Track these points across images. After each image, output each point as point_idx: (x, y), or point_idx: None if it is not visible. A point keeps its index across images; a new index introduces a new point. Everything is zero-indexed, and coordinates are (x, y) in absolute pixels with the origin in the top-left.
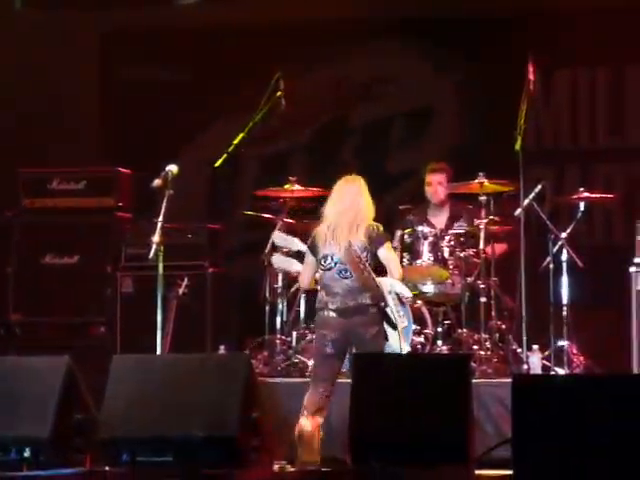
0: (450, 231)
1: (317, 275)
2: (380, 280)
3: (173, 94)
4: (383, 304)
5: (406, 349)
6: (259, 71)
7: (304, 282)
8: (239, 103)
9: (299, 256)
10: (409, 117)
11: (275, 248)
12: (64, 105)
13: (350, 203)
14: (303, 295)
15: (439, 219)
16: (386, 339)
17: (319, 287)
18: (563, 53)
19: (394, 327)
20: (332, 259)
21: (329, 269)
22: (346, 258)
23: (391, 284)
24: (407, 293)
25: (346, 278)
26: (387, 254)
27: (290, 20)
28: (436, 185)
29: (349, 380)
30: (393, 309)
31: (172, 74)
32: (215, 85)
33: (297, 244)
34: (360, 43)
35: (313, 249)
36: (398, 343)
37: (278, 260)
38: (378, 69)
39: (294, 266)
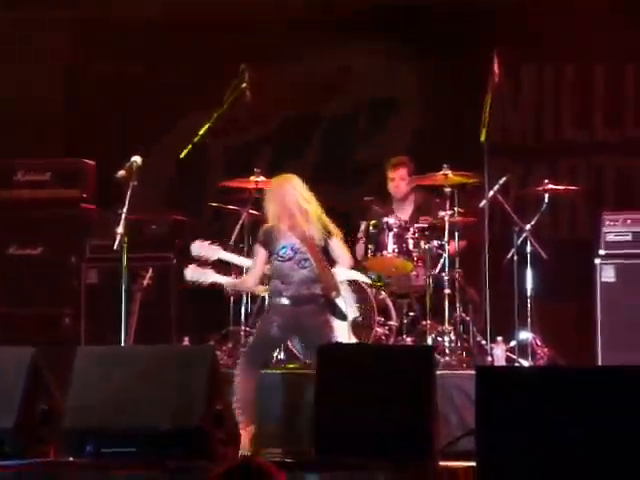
0: (415, 224)
1: (266, 269)
2: (334, 270)
3: (140, 91)
4: (335, 294)
5: (353, 340)
6: (225, 65)
7: (253, 278)
8: (203, 94)
9: (218, 265)
10: (374, 109)
11: (192, 259)
12: (32, 102)
13: (301, 197)
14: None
15: (404, 212)
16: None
17: (272, 277)
18: (530, 48)
19: (344, 318)
20: (292, 249)
21: (288, 259)
22: (308, 248)
23: (346, 273)
24: (365, 279)
25: (304, 268)
26: (339, 244)
27: (257, 12)
28: (398, 180)
29: (313, 372)
30: (346, 299)
31: (139, 70)
32: (182, 82)
33: (218, 253)
34: (327, 34)
35: (267, 242)
36: (346, 334)
37: (192, 273)
38: (343, 60)
39: (210, 277)
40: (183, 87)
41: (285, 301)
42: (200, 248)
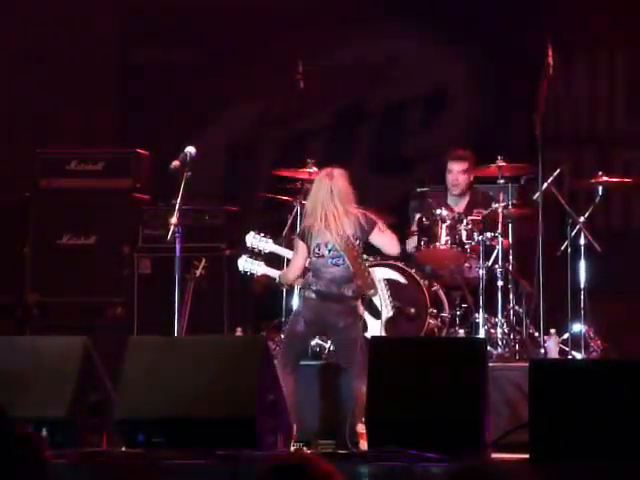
0: (469, 217)
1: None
2: (372, 269)
3: (189, 77)
4: (372, 292)
5: None
6: (274, 54)
7: (292, 272)
8: (255, 86)
9: (270, 259)
10: (425, 100)
11: (246, 249)
12: (80, 87)
13: (337, 194)
14: None
15: (458, 204)
16: (365, 330)
17: (309, 272)
18: (582, 36)
19: (378, 316)
20: (326, 246)
21: (322, 256)
22: (342, 246)
23: (385, 272)
24: (403, 279)
25: (337, 266)
26: (380, 235)
27: (304, 2)
28: (457, 174)
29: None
30: (383, 296)
31: (188, 56)
32: (231, 68)
33: (271, 246)
34: (375, 24)
35: (305, 238)
36: (378, 333)
37: (244, 264)
38: (393, 51)
39: (261, 269)
40: (231, 73)
41: (312, 295)
42: (253, 239)
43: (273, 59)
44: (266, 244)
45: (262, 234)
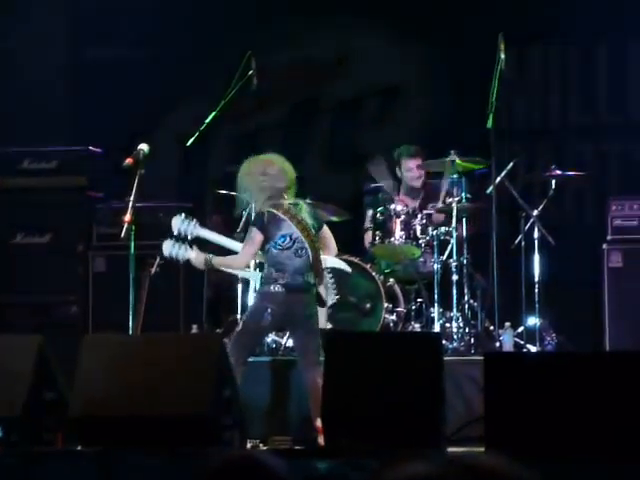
0: (423, 211)
1: (258, 256)
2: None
3: (142, 75)
4: (319, 281)
5: (328, 327)
6: (227, 52)
7: (245, 260)
8: (207, 81)
9: (196, 243)
10: (378, 95)
11: (172, 235)
12: (32, 85)
13: (293, 182)
14: None
15: (414, 199)
16: None
17: (267, 265)
18: (535, 31)
19: (322, 304)
20: (291, 239)
21: (287, 249)
22: (306, 238)
23: (331, 261)
24: (347, 269)
25: (300, 257)
26: (328, 231)
27: None
28: (417, 170)
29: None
30: (328, 286)
31: (140, 54)
32: (184, 64)
33: (198, 230)
34: (327, 19)
35: (266, 228)
36: (322, 320)
37: (170, 248)
38: (346, 46)
39: (189, 254)
40: (184, 72)
41: (279, 289)
42: (182, 223)
43: (225, 57)
44: (194, 228)
45: (190, 218)
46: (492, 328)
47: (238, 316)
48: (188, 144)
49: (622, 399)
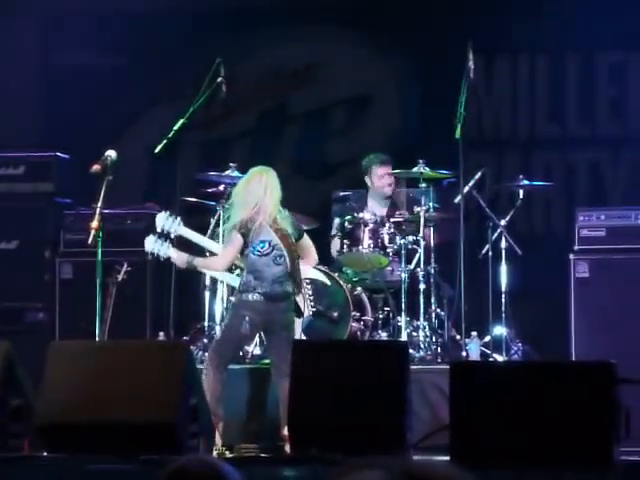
0: (391, 219)
1: (238, 260)
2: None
3: (110, 79)
4: (297, 290)
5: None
6: (195, 57)
7: (225, 262)
8: (177, 88)
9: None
10: (347, 104)
11: (155, 231)
12: (3, 94)
13: (277, 193)
14: None
15: (381, 207)
16: None
17: (246, 271)
18: (503, 39)
19: (299, 314)
20: (270, 245)
21: (265, 255)
22: (285, 245)
23: (311, 272)
24: (327, 281)
25: (279, 265)
26: (308, 240)
27: (226, 4)
28: (388, 178)
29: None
30: (306, 296)
31: (109, 59)
32: (151, 70)
33: (182, 229)
34: (296, 28)
35: (246, 234)
36: (298, 331)
37: (153, 244)
38: (315, 55)
39: (171, 252)
40: (153, 79)
41: (258, 297)
42: (166, 220)
43: (194, 62)
44: (178, 227)
45: (175, 216)
46: (459, 337)
47: (205, 323)
48: (156, 151)
49: (587, 408)
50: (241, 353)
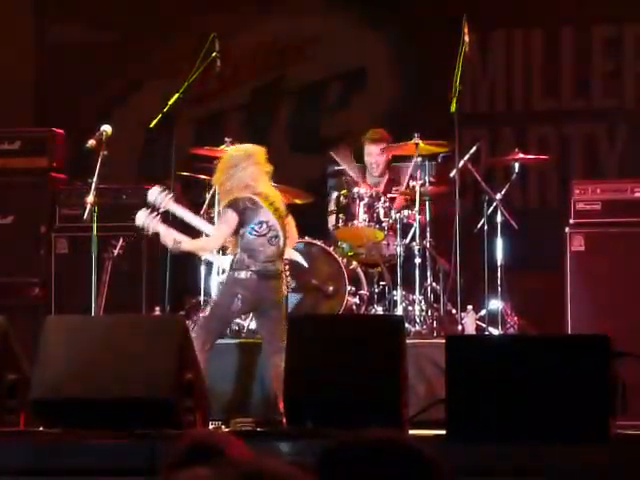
0: (388, 194)
1: (231, 239)
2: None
3: (107, 56)
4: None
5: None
6: (193, 34)
7: (218, 243)
8: (172, 63)
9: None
10: (343, 78)
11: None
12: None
13: (268, 169)
14: None
15: (378, 183)
16: None
17: (239, 250)
18: (499, 13)
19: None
20: (267, 225)
21: (262, 235)
22: (281, 225)
23: (289, 252)
24: (304, 263)
25: (273, 245)
26: (292, 219)
27: None
28: (375, 156)
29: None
30: (283, 275)
31: (107, 36)
32: (148, 47)
33: (171, 205)
34: (294, 1)
35: (244, 212)
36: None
37: (144, 219)
38: (311, 28)
39: (158, 227)
40: (149, 53)
41: (251, 275)
42: (158, 195)
43: (191, 38)
44: (168, 203)
45: (167, 191)
46: (454, 311)
47: (201, 298)
48: (151, 126)
49: (583, 381)
50: (237, 327)
